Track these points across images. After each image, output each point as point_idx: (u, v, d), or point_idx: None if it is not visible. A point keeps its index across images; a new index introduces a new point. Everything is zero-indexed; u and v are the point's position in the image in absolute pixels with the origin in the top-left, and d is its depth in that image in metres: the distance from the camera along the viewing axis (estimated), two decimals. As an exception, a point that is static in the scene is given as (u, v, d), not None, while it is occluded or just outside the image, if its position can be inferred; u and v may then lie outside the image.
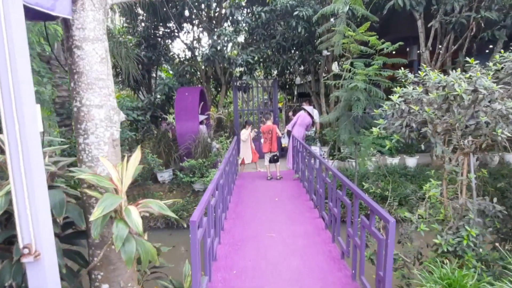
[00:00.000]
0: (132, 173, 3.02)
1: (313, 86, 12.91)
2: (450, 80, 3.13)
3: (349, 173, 9.20)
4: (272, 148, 8.40)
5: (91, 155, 3.11)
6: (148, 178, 9.40)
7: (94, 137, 3.09)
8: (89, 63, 3.04)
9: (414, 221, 3.65)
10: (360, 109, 6.70)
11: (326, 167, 5.45)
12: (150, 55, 10.71)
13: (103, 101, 3.11)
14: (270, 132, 8.38)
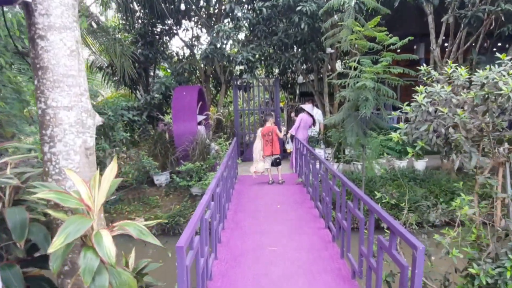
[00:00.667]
0: (106, 189, 2.48)
1: (316, 85, 12.35)
2: (493, 77, 2.57)
3: (355, 177, 8.65)
4: (274, 151, 7.85)
5: (58, 167, 2.57)
6: (143, 181, 8.86)
7: (62, 145, 2.55)
8: (55, 57, 2.50)
9: (444, 245, 3.08)
10: (368, 110, 6.14)
11: (333, 174, 4.89)
12: (147, 53, 10.17)
13: (73, 102, 2.57)
14: (270, 133, 7.85)
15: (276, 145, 7.84)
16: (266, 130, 7.88)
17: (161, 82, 9.38)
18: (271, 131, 7.85)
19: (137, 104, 9.61)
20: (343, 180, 4.32)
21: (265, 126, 7.97)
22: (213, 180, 4.46)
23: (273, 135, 7.83)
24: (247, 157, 11.58)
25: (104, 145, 8.22)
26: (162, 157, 9.19)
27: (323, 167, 5.75)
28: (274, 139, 7.84)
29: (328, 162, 5.50)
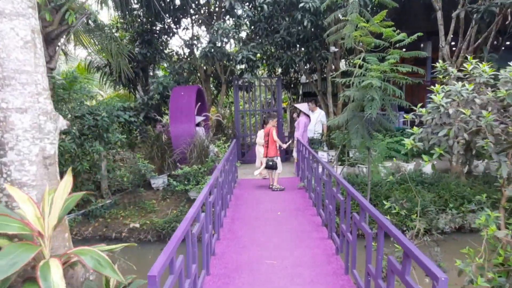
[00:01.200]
0: (60, 207, 2.05)
1: (320, 85, 11.88)
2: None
3: (360, 181, 8.18)
4: (268, 153, 7.45)
5: (10, 179, 2.14)
6: (140, 184, 8.45)
7: (14, 154, 2.13)
8: (5, 49, 2.07)
9: (468, 274, 2.60)
10: (375, 110, 5.68)
11: (337, 181, 4.44)
12: (144, 52, 9.76)
13: (28, 102, 2.15)
14: (267, 134, 7.49)
15: (271, 146, 7.42)
16: (266, 131, 7.55)
17: (158, 82, 8.96)
18: (267, 131, 7.50)
19: (134, 105, 9.21)
20: (348, 189, 3.86)
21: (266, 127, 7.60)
22: (204, 188, 4.03)
23: (269, 137, 7.42)
24: (248, 159, 11.15)
25: (98, 147, 7.82)
26: (159, 160, 8.78)
27: (326, 172, 5.31)
28: (270, 141, 7.42)
29: (331, 168, 5.05)
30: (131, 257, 7.13)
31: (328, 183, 4.98)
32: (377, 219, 2.90)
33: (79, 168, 7.82)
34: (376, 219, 2.95)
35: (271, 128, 7.44)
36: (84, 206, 8.11)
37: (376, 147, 6.66)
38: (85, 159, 8.13)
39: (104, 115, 7.81)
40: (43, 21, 7.90)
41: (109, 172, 8.53)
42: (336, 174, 4.52)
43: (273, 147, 7.40)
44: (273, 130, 7.46)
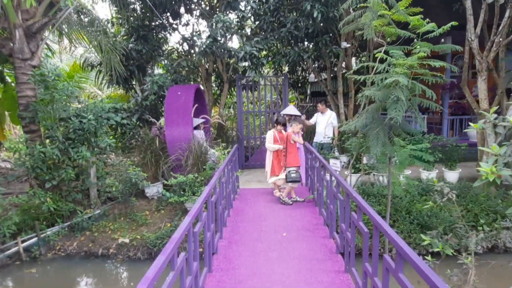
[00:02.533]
0: None
1: (330, 84, 10.84)
2: None
3: (376, 191, 7.13)
4: (288, 162, 6.35)
5: None
6: (131, 194, 7.51)
7: None
8: None
9: None
10: (400, 113, 4.64)
11: (358, 205, 3.42)
12: (139, 49, 8.80)
13: None
14: (284, 141, 6.41)
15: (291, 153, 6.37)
16: (281, 137, 6.54)
17: (153, 81, 8.00)
18: (285, 138, 6.46)
19: (127, 106, 8.28)
20: (376, 221, 2.84)
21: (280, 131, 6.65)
22: (191, 210, 3.05)
23: (287, 143, 6.38)
24: (252, 164, 10.17)
25: (85, 153, 6.90)
26: (153, 166, 7.83)
27: (341, 189, 4.30)
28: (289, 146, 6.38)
29: (349, 186, 4.02)
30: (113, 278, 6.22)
31: (345, 204, 3.97)
32: (422, 272, 1.89)
33: (64, 176, 6.92)
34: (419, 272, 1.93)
35: (288, 134, 6.37)
36: (71, 217, 7.22)
37: (399, 156, 5.61)
38: (70, 166, 7.22)
39: (90, 118, 6.89)
40: (24, 13, 7.00)
41: (99, 179, 7.61)
42: (357, 196, 3.50)
43: (294, 153, 6.32)
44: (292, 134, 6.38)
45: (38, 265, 6.48)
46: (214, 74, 10.94)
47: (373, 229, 2.95)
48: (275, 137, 6.61)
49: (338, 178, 4.34)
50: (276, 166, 6.62)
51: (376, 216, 2.87)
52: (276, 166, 6.62)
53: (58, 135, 6.84)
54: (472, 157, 9.36)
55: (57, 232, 6.97)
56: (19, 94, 6.98)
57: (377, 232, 2.90)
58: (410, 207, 6.75)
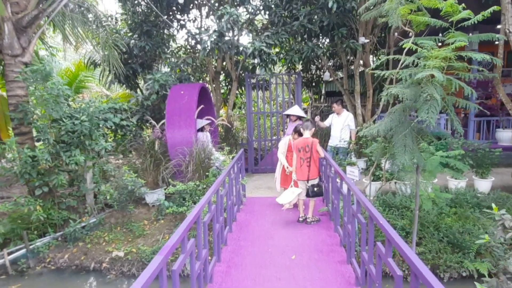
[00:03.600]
0: None
1: (346, 83, 9.94)
2: None
3: (399, 203, 6.23)
4: (311, 174, 5.30)
5: None
6: (129, 201, 6.81)
7: None
8: None
9: None
10: (433, 115, 3.78)
11: (388, 238, 2.58)
12: (143, 45, 8.11)
13: None
14: (308, 148, 5.30)
15: (314, 164, 5.31)
16: (303, 142, 5.31)
17: (154, 79, 7.29)
18: (310, 144, 5.28)
19: (126, 106, 7.60)
20: (410, 260, 2.00)
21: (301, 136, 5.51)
22: (159, 255, 2.29)
23: (312, 151, 5.26)
24: (262, 168, 9.38)
25: (78, 157, 6.23)
26: (154, 171, 7.12)
27: (362, 208, 3.47)
28: (314, 157, 5.28)
29: (373, 208, 3.18)
30: None
31: (369, 230, 3.13)
32: None
33: (55, 182, 6.26)
34: None
35: (315, 140, 5.34)
36: (65, 226, 6.57)
37: (427, 164, 4.73)
38: (64, 171, 6.58)
39: (83, 119, 6.21)
40: (13, 6, 6.37)
41: (96, 185, 6.94)
42: (389, 229, 2.65)
43: (316, 165, 5.37)
44: (318, 142, 5.39)
45: (25, 280, 5.83)
46: (223, 72, 10.19)
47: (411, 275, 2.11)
48: (289, 146, 5.79)
49: (358, 195, 3.50)
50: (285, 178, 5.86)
51: (418, 263, 2.03)
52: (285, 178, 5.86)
53: (49, 137, 6.18)
54: (505, 162, 8.34)
55: (47, 243, 6.33)
56: (9, 93, 6.37)
57: (416, 281, 2.06)
58: (438, 222, 5.84)
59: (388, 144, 4.73)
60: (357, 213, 3.53)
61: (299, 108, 7.16)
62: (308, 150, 5.21)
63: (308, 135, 5.33)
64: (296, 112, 6.92)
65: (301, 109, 7.55)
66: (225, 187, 4.56)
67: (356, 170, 5.37)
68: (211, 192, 3.70)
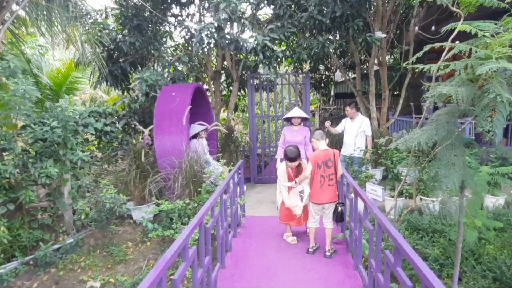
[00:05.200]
0: None
1: (358, 84, 8.77)
2: None
3: (428, 225, 5.06)
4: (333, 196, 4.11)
5: None
6: (110, 220, 5.72)
7: None
8: None
9: None
10: (501, 122, 2.63)
11: None
12: (132, 41, 7.03)
13: None
14: (331, 162, 4.07)
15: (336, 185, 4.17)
16: (324, 155, 4.06)
17: (142, 79, 6.21)
18: (332, 157, 4.08)
19: (111, 110, 6.53)
20: None
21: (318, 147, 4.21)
22: None
23: (335, 165, 4.11)
24: (266, 178, 8.26)
25: (49, 170, 5.16)
26: (141, 184, 6.03)
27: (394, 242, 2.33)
28: (337, 174, 4.17)
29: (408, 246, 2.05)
30: None
31: None
32: None
33: (23, 199, 5.21)
34: None
35: (336, 151, 4.17)
36: (37, 248, 5.51)
37: (478, 184, 3.57)
38: (34, 184, 5.53)
39: (53, 125, 5.15)
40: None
41: (74, 200, 5.88)
42: None
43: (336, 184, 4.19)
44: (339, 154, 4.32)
45: (-19, 317, 4.78)
46: (223, 72, 9.10)
47: None
48: (288, 174, 4.50)
49: (387, 228, 2.36)
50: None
51: None
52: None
53: (14, 147, 5.13)
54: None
55: (14, 269, 5.26)
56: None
57: None
58: (479, 251, 4.66)
59: (421, 156, 3.57)
60: (394, 265, 2.38)
61: (299, 109, 5.97)
62: (331, 165, 4.04)
63: (325, 146, 4.17)
64: (299, 113, 5.72)
65: (305, 112, 6.43)
66: (213, 215, 3.44)
67: (379, 189, 4.21)
68: (188, 231, 2.60)
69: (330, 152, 4.08)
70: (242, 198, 5.11)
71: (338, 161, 4.04)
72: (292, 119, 5.71)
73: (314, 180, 4.05)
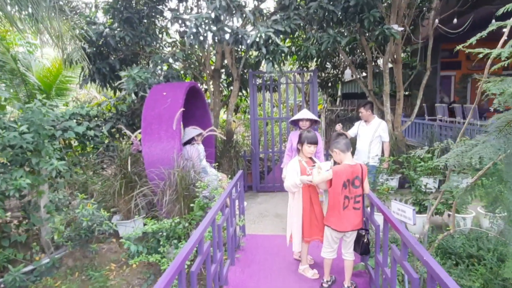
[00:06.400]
0: None
1: (370, 83, 7.91)
2: None
3: (462, 249, 4.20)
4: (359, 222, 3.21)
5: None
6: (91, 238, 4.91)
7: None
8: None
9: None
10: None
11: None
12: (122, 35, 6.22)
13: None
14: (359, 181, 3.15)
15: (362, 208, 3.27)
16: (350, 172, 3.10)
17: (130, 76, 5.40)
18: (361, 174, 3.15)
19: (96, 112, 5.73)
20: None
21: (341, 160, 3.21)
22: None
23: (362, 184, 3.19)
24: (269, 186, 7.43)
25: (20, 182, 4.36)
26: (129, 195, 5.22)
27: None
28: (365, 194, 3.31)
29: None
30: None
31: None
32: None
33: (-13, 215, 4.41)
34: None
35: (364, 167, 3.23)
36: (5, 271, 4.72)
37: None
38: (1, 199, 4.72)
39: (23, 130, 4.34)
40: None
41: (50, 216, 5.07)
42: None
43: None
44: (367, 169, 3.36)
45: None
46: (223, 71, 8.27)
47: None
48: (302, 169, 3.45)
49: None
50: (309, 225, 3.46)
51: None
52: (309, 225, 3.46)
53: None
54: None
55: (-23, 296, 4.48)
56: None
57: None
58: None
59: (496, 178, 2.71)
60: None
61: (308, 111, 5.08)
62: (359, 184, 3.11)
63: (351, 159, 3.20)
64: (308, 115, 4.84)
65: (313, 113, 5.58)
66: (201, 251, 2.60)
67: (409, 210, 3.36)
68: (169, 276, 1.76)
69: (358, 168, 3.13)
70: (242, 218, 4.26)
71: (366, 178, 3.16)
72: (299, 122, 4.85)
73: (336, 202, 3.11)
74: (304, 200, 3.38)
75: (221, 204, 3.23)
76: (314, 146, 3.35)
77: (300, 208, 3.33)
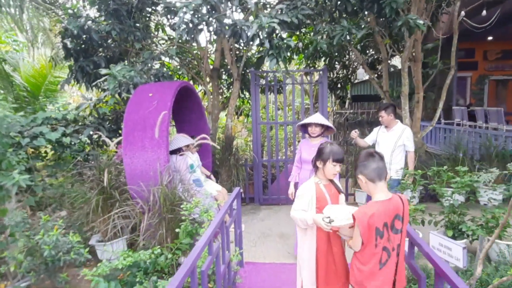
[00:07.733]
0: None
1: (386, 84, 7.00)
2: None
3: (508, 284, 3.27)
4: (400, 280, 2.07)
5: None
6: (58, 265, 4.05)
7: None
8: None
9: None
10: None
11: None
12: (108, 29, 5.40)
13: None
14: (399, 224, 2.01)
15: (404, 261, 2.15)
16: (388, 211, 1.96)
17: (111, 75, 4.57)
18: (402, 212, 2.01)
19: (73, 116, 4.89)
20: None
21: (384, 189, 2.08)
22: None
23: (404, 225, 2.06)
24: (273, 198, 6.56)
25: (-27, 199, 3.53)
26: (108, 212, 4.36)
27: None
28: (403, 240, 2.10)
29: None
30: None
31: None
32: None
33: None
34: None
35: (404, 199, 2.08)
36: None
37: None
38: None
39: (-28, 138, 3.52)
40: None
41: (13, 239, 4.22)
42: None
43: None
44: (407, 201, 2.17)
45: None
46: (223, 70, 7.42)
47: None
48: (319, 197, 2.41)
49: None
50: (325, 272, 2.38)
51: None
52: (325, 272, 2.38)
53: None
54: None
55: None
56: None
57: None
58: None
59: None
60: None
61: (321, 116, 4.19)
62: (400, 227, 2.04)
63: (385, 190, 2.05)
64: (319, 119, 3.94)
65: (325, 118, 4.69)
66: None
67: (458, 248, 2.45)
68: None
69: (398, 203, 2.04)
70: (237, 253, 3.36)
71: (407, 214, 2.17)
72: (308, 127, 3.95)
73: (369, 256, 2.00)
74: (319, 238, 2.38)
75: (206, 242, 2.35)
76: (339, 165, 2.39)
77: (313, 249, 2.37)
